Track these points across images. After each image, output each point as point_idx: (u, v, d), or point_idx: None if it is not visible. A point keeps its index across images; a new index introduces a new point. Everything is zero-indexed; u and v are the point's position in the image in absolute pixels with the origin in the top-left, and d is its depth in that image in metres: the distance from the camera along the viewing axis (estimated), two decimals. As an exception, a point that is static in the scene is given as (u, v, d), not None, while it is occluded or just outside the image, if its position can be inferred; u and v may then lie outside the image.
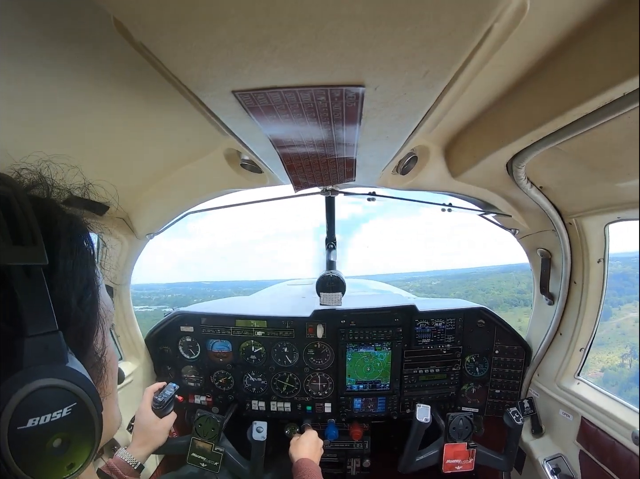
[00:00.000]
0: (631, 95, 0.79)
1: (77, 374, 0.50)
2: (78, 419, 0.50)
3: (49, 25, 0.68)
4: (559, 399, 1.97)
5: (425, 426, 1.83)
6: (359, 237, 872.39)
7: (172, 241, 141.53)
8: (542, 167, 1.39)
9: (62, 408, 0.48)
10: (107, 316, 0.64)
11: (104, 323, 0.61)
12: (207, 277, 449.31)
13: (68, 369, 0.50)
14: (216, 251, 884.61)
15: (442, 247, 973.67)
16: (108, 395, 0.64)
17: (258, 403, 2.34)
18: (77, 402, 0.49)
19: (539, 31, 0.79)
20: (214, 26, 0.54)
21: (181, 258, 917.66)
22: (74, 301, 0.53)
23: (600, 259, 1.78)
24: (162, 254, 60.47)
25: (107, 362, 0.63)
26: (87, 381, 0.51)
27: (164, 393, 1.83)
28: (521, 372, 2.25)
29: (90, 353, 0.58)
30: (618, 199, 1.42)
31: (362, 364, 2.27)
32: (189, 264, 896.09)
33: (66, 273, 0.52)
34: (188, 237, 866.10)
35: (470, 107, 1.17)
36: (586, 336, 1.92)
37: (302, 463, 1.73)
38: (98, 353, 0.60)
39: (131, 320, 2.23)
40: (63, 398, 0.48)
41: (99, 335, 0.60)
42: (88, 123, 1.06)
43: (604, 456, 1.64)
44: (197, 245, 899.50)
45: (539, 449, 2.02)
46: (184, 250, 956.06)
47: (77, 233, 0.58)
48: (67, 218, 0.57)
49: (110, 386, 0.65)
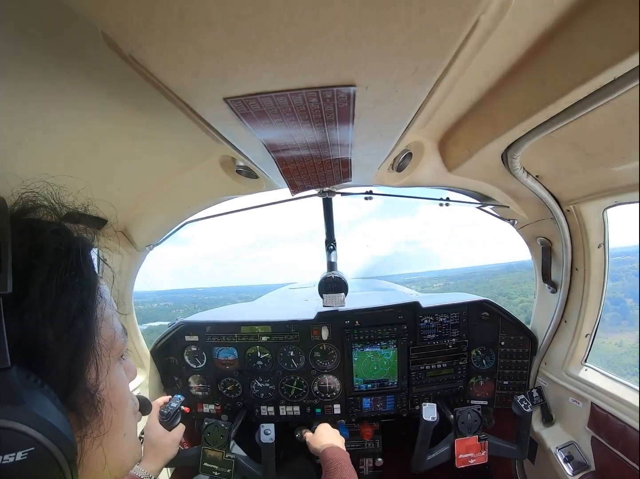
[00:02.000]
0: (622, 79, 0.79)
1: (31, 416, 0.44)
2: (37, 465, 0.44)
3: (37, 41, 0.68)
4: (568, 387, 1.97)
5: (433, 425, 1.83)
6: (359, 237, 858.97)
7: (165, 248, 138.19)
8: (537, 155, 1.39)
9: (14, 452, 0.42)
10: (114, 347, 0.60)
11: (100, 356, 0.56)
12: (201, 284, 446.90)
13: (18, 410, 0.44)
14: (211, 258, 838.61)
15: (441, 246, 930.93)
16: (113, 433, 0.59)
17: (267, 408, 2.34)
18: (35, 449, 0.44)
19: (527, 20, 0.79)
20: (201, 34, 0.54)
21: (175, 265, 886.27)
22: (49, 334, 0.48)
23: (600, 244, 1.78)
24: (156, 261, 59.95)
25: (105, 399, 0.57)
26: (48, 424, 0.45)
27: (169, 406, 1.83)
28: (528, 362, 2.25)
29: (80, 389, 0.53)
30: (614, 183, 1.42)
31: (368, 363, 2.26)
32: (183, 271, 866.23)
33: (43, 301, 0.48)
34: (182, 244, 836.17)
35: (462, 100, 1.17)
36: (591, 322, 1.92)
37: (329, 452, 1.69)
38: (91, 389, 0.54)
39: (135, 332, 2.22)
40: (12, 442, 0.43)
41: (92, 369, 0.55)
42: (80, 137, 1.05)
43: (615, 441, 1.64)
44: (191, 252, 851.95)
45: (550, 438, 2.02)
46: (178, 257, 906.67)
47: (69, 254, 0.53)
48: (53, 240, 0.52)
49: (114, 423, 0.59)
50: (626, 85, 0.80)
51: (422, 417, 1.83)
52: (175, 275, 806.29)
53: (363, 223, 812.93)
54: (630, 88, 0.81)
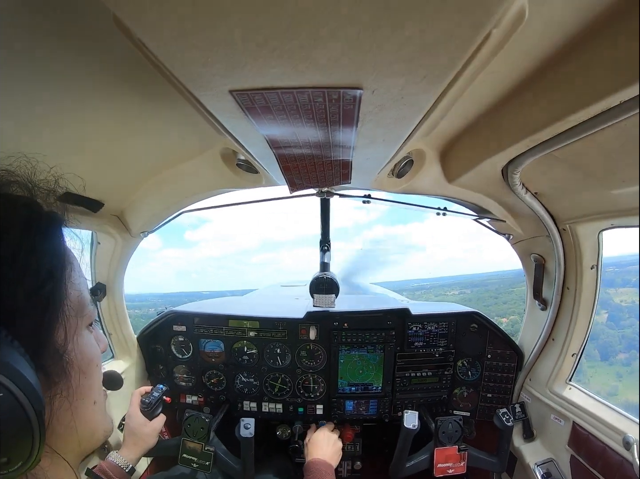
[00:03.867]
0: (628, 103, 0.79)
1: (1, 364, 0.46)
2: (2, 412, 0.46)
3: (47, 18, 0.67)
4: (551, 404, 1.98)
5: (414, 433, 1.83)
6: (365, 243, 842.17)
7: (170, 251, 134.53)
8: (537, 172, 1.40)
9: None
10: (83, 313, 0.63)
11: (67, 319, 0.58)
12: (204, 287, 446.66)
13: None
14: (216, 260, 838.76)
15: (448, 253, 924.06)
16: (82, 398, 0.61)
17: (250, 404, 2.33)
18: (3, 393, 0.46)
19: (538, 38, 0.79)
20: (213, 24, 0.54)
21: (179, 267, 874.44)
22: (20, 294, 0.51)
23: (593, 265, 1.79)
24: (159, 263, 58.08)
25: (73, 361, 0.59)
26: (18, 373, 0.47)
27: (151, 395, 1.83)
28: (513, 377, 2.26)
29: (49, 349, 0.55)
30: (612, 206, 1.42)
31: (354, 366, 2.26)
32: (186, 274, 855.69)
33: (13, 264, 0.50)
34: (188, 246, 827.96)
35: (467, 112, 1.18)
36: (578, 342, 1.93)
37: (312, 463, 1.74)
38: (59, 349, 0.57)
39: (123, 318, 2.21)
40: None
41: (60, 331, 0.57)
42: (83, 120, 1.04)
43: (595, 461, 1.65)
44: (194, 255, 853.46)
45: (530, 454, 2.03)
46: (181, 260, 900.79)
47: (39, 224, 0.56)
48: (24, 209, 0.55)
49: (84, 387, 0.61)
50: (631, 110, 0.80)
51: (403, 424, 1.83)
52: (179, 278, 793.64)
53: (369, 227, 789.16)
54: (636, 113, 0.81)
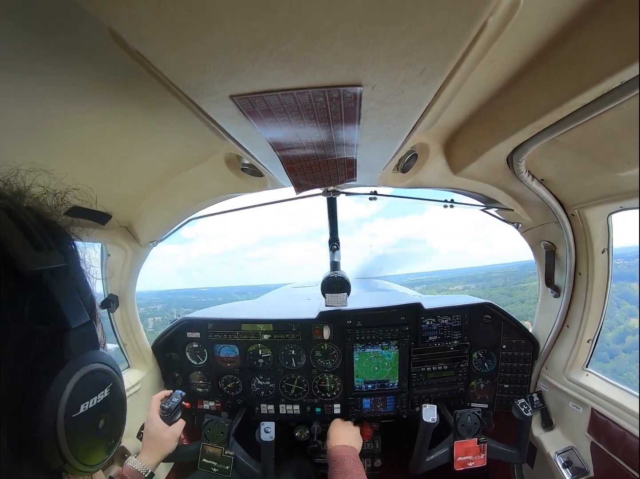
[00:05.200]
0: (629, 84, 0.79)
1: (107, 356, 0.56)
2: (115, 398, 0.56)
3: (44, 35, 0.68)
4: (568, 392, 1.96)
5: (433, 426, 1.82)
6: (366, 236, 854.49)
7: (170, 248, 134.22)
8: (542, 159, 1.39)
9: (103, 389, 0.54)
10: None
11: (100, 315, 0.65)
12: (205, 284, 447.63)
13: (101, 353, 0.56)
14: (217, 257, 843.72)
15: (451, 245, 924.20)
16: None
17: (267, 407, 2.34)
18: (113, 382, 0.56)
19: (535, 23, 0.79)
20: (209, 31, 0.54)
21: (179, 264, 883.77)
22: (86, 296, 0.59)
23: (604, 249, 1.77)
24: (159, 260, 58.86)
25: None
26: (114, 362, 0.57)
27: (170, 400, 1.84)
28: (529, 366, 2.24)
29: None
30: (619, 189, 1.41)
31: (369, 364, 2.26)
32: (189, 271, 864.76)
33: (75, 272, 0.58)
34: (186, 242, 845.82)
35: (468, 102, 1.17)
36: (593, 328, 1.91)
37: (334, 450, 1.76)
38: (100, 342, 0.62)
39: (137, 327, 2.23)
40: (103, 380, 0.55)
41: (99, 326, 0.63)
42: (86, 132, 1.06)
43: (615, 447, 1.64)
44: (196, 250, 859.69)
45: (549, 443, 2.01)
46: (183, 256, 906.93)
47: (69, 237, 0.62)
48: (61, 223, 0.61)
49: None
50: (633, 90, 0.79)
51: (422, 418, 1.82)
52: (179, 275, 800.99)
53: (370, 221, 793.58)
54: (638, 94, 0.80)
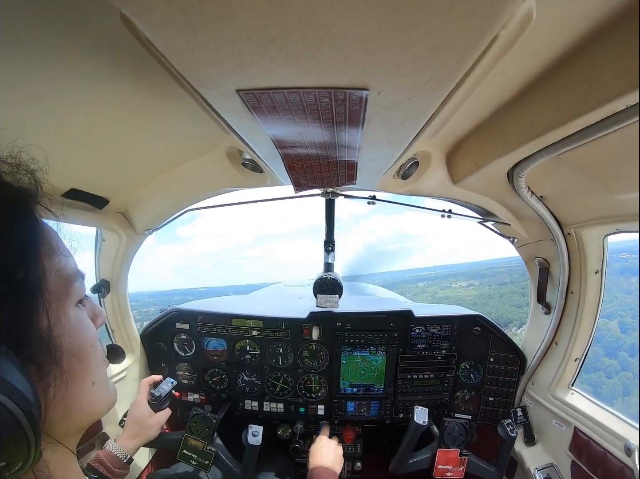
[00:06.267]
0: (634, 108, 0.79)
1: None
2: None
3: (54, 16, 0.67)
4: (553, 409, 1.97)
5: (422, 429, 1.83)
6: (360, 234, 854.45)
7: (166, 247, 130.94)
8: (543, 176, 1.39)
9: None
10: (68, 292, 0.58)
11: (49, 303, 0.53)
12: (201, 283, 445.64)
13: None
14: (213, 255, 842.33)
15: (448, 242, 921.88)
16: (78, 382, 0.57)
17: (251, 403, 2.33)
18: None
19: (545, 40, 0.79)
20: (221, 23, 0.54)
21: (175, 263, 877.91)
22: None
23: (598, 270, 1.78)
24: (154, 260, 58.16)
25: (63, 345, 0.55)
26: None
27: (161, 388, 1.82)
28: (515, 381, 2.25)
29: (34, 338, 0.51)
30: (618, 211, 1.42)
31: (356, 367, 2.26)
32: (185, 269, 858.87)
33: None
34: (182, 241, 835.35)
35: (473, 114, 1.17)
36: (582, 347, 1.92)
37: (315, 472, 1.72)
38: (45, 337, 0.52)
39: (127, 314, 2.22)
40: None
41: (43, 317, 0.52)
42: (89, 116, 1.05)
43: (595, 466, 1.64)
44: (192, 249, 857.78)
45: (530, 458, 2.02)
46: (179, 255, 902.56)
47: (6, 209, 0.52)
48: None
49: (78, 371, 0.57)
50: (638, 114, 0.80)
51: (414, 419, 1.83)
52: (176, 274, 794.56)
53: (367, 218, 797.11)
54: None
